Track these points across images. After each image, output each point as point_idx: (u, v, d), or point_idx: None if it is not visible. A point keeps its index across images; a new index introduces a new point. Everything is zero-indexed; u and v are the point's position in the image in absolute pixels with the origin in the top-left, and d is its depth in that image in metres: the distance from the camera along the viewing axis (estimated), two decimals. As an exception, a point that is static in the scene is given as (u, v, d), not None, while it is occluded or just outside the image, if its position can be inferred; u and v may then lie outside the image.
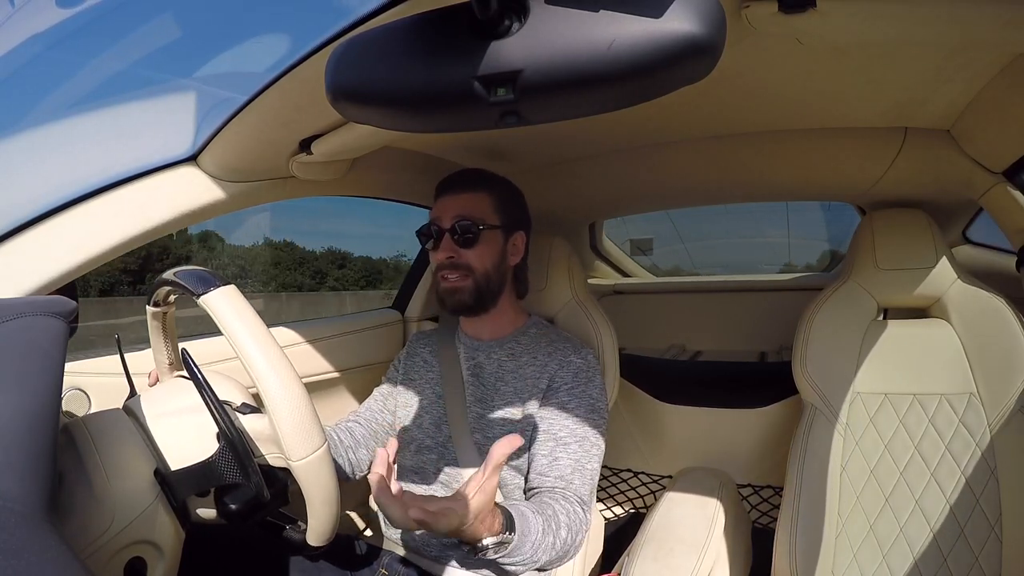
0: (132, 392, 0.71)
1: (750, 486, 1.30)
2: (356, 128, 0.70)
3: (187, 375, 0.59)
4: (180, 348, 0.63)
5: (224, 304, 0.54)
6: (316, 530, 0.58)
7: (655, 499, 1.37)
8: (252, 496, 0.57)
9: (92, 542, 0.49)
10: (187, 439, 0.58)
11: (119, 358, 0.70)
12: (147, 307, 0.66)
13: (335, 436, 0.95)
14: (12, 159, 0.78)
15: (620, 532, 1.41)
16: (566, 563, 0.84)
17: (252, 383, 0.55)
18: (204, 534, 0.62)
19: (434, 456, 0.92)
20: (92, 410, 0.81)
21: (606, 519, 1.46)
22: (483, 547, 0.68)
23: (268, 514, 0.61)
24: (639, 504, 1.44)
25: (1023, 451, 0.88)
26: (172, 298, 0.65)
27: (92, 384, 0.82)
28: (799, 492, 0.97)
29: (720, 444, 1.31)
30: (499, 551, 0.69)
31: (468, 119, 0.37)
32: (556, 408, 0.88)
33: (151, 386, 0.72)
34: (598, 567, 1.07)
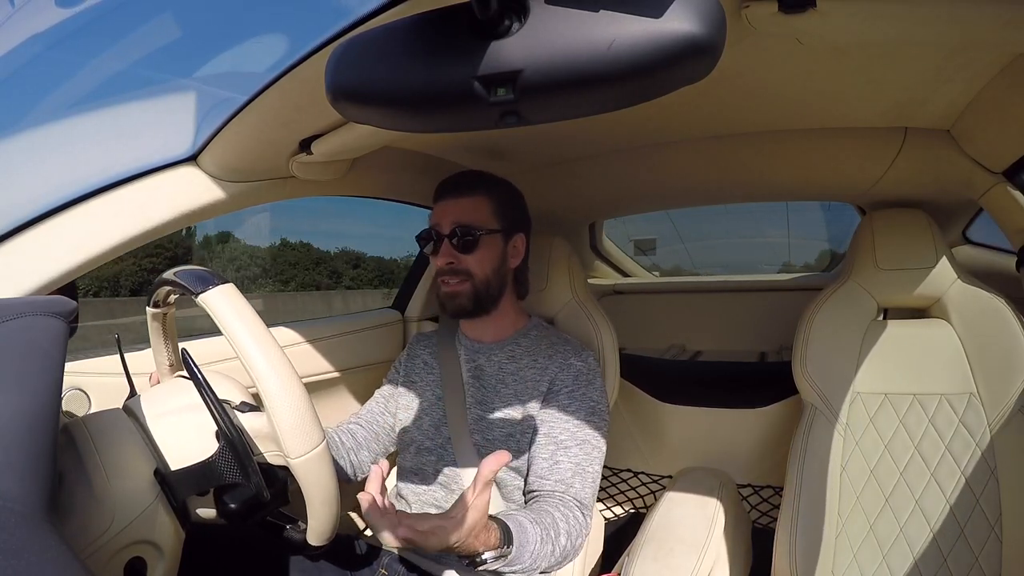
0: (132, 392, 0.71)
1: (750, 486, 1.30)
2: (356, 128, 0.70)
3: (187, 375, 0.59)
4: (180, 348, 0.63)
5: (222, 302, 0.54)
6: (316, 529, 0.58)
7: (655, 499, 1.37)
8: (252, 496, 0.57)
9: (92, 542, 0.49)
10: (187, 439, 0.58)
11: (119, 358, 0.70)
12: (147, 308, 0.66)
13: (336, 438, 0.95)
14: (12, 159, 0.78)
15: (620, 532, 1.41)
16: (566, 565, 0.84)
17: (252, 383, 0.55)
18: (204, 534, 0.62)
19: (433, 458, 0.92)
20: (92, 410, 0.81)
21: (606, 519, 1.46)
22: (482, 560, 0.68)
23: (268, 514, 0.61)
24: (639, 504, 1.44)
25: (1023, 451, 0.88)
26: (172, 298, 0.65)
27: (92, 384, 0.82)
28: (799, 492, 0.97)
29: (720, 444, 1.31)
30: (498, 563, 0.70)
31: (468, 119, 0.37)
32: (556, 411, 0.88)
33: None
34: (598, 567, 1.07)
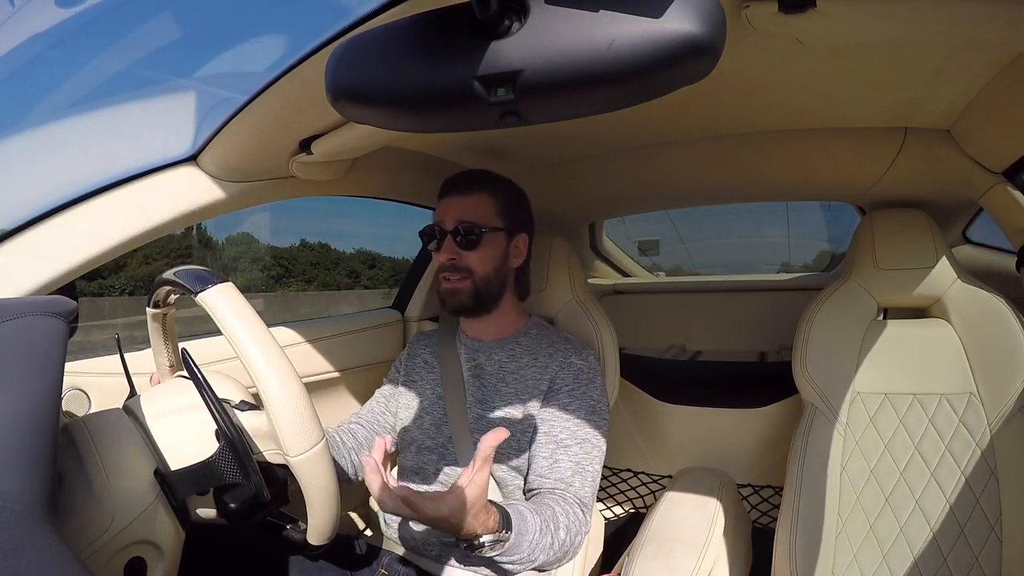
0: (132, 392, 0.71)
1: (750, 486, 1.30)
2: (356, 128, 0.70)
3: (187, 375, 0.59)
4: (180, 348, 0.63)
5: (221, 301, 0.54)
6: (316, 528, 0.58)
7: (655, 499, 1.37)
8: (252, 495, 0.57)
9: (92, 542, 0.49)
10: (187, 439, 0.58)
11: (119, 358, 0.70)
12: (147, 308, 0.66)
13: (337, 438, 0.95)
14: (12, 159, 0.78)
15: (620, 532, 1.41)
16: (565, 564, 0.84)
17: (252, 383, 0.55)
18: (204, 534, 0.62)
19: (435, 457, 0.92)
20: (92, 410, 0.81)
21: (606, 519, 1.45)
22: (480, 544, 0.68)
23: (268, 514, 0.61)
24: (639, 504, 1.44)
25: (1023, 451, 0.88)
26: (172, 299, 0.65)
27: (92, 384, 0.82)
28: (799, 492, 0.97)
29: (720, 444, 1.31)
30: (496, 548, 0.69)
31: (468, 119, 0.37)
32: (557, 409, 0.88)
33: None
34: (598, 567, 1.07)
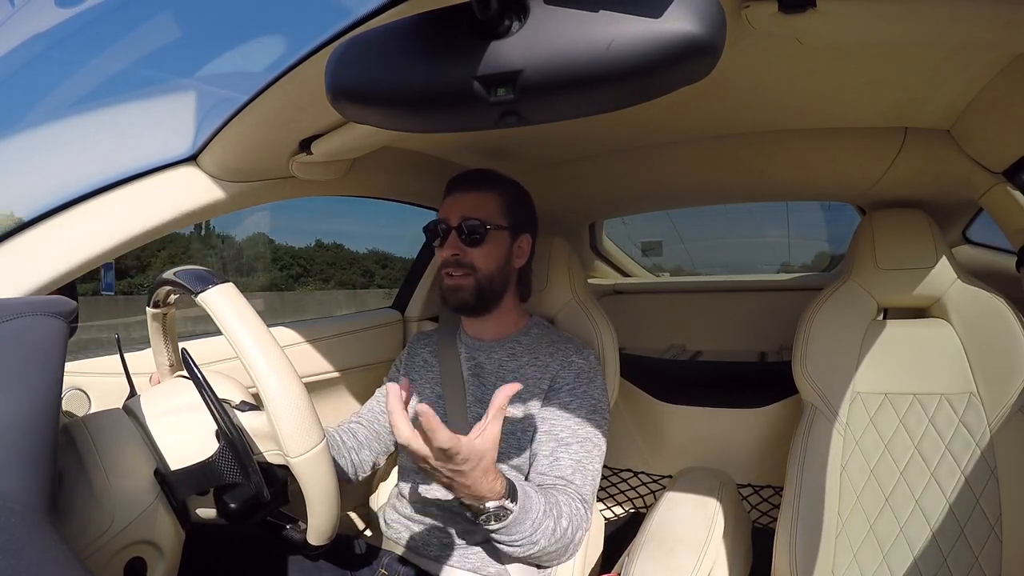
0: (132, 392, 0.71)
1: (750, 486, 1.29)
2: (356, 128, 0.70)
3: (187, 375, 0.59)
4: (180, 348, 0.63)
5: (222, 301, 0.55)
6: (316, 528, 0.58)
7: (655, 499, 1.37)
8: (252, 495, 0.57)
9: (92, 542, 0.49)
10: (187, 439, 0.58)
11: (119, 358, 0.70)
12: (147, 308, 0.66)
13: (337, 438, 0.95)
14: (12, 159, 0.78)
15: (620, 532, 1.41)
16: (565, 562, 0.84)
17: (252, 383, 0.55)
18: (204, 534, 0.62)
19: (434, 456, 0.92)
20: (92, 410, 0.81)
21: (606, 519, 1.45)
22: (484, 510, 0.68)
23: (268, 514, 0.61)
24: (639, 504, 1.44)
25: (1023, 451, 0.88)
26: (172, 299, 0.65)
27: (92, 384, 0.82)
28: (799, 492, 0.97)
29: (720, 444, 1.31)
30: (500, 519, 0.69)
31: (468, 119, 0.37)
32: (558, 408, 0.88)
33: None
34: (598, 567, 1.07)
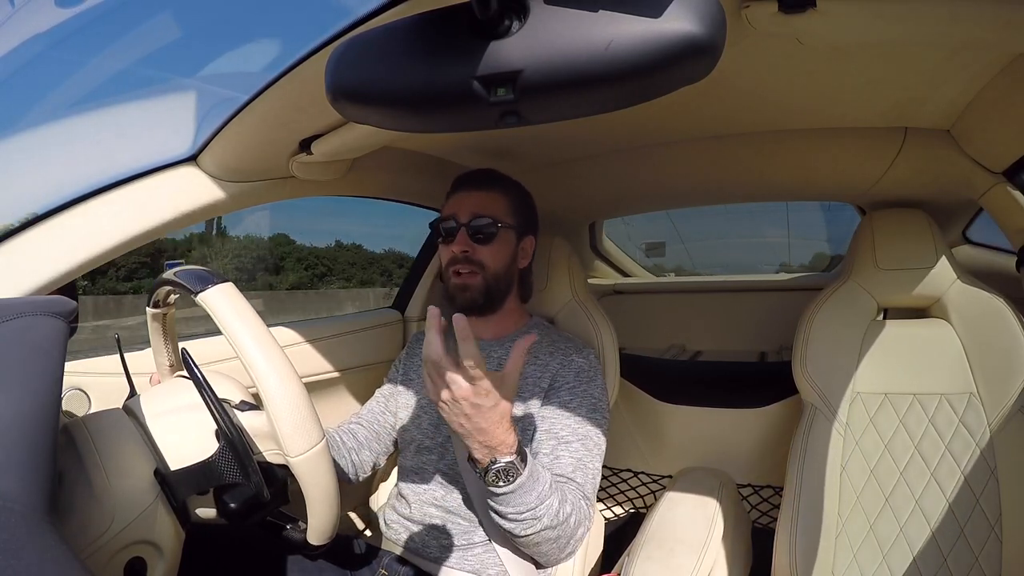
0: (132, 392, 0.71)
1: (750, 486, 1.29)
2: (356, 128, 0.70)
3: (187, 375, 0.59)
4: (180, 348, 0.63)
5: (221, 301, 0.55)
6: (316, 528, 0.58)
7: (655, 499, 1.37)
8: (252, 495, 0.57)
9: (92, 542, 0.49)
10: (187, 438, 0.58)
11: (119, 358, 0.70)
12: (147, 308, 0.66)
13: (337, 438, 0.94)
14: (12, 159, 0.78)
15: (620, 532, 1.41)
16: (565, 561, 0.84)
17: (252, 383, 0.55)
18: (204, 534, 0.62)
19: (434, 456, 0.92)
20: (92, 410, 0.81)
21: (606, 519, 1.45)
22: (495, 463, 0.69)
23: (268, 513, 0.61)
24: (639, 504, 1.43)
25: (1023, 451, 0.88)
26: (172, 299, 0.65)
27: (92, 384, 0.82)
28: (799, 492, 0.97)
29: (720, 444, 1.31)
30: (509, 478, 0.70)
31: (468, 119, 0.37)
32: (558, 407, 0.88)
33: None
34: (598, 567, 1.07)
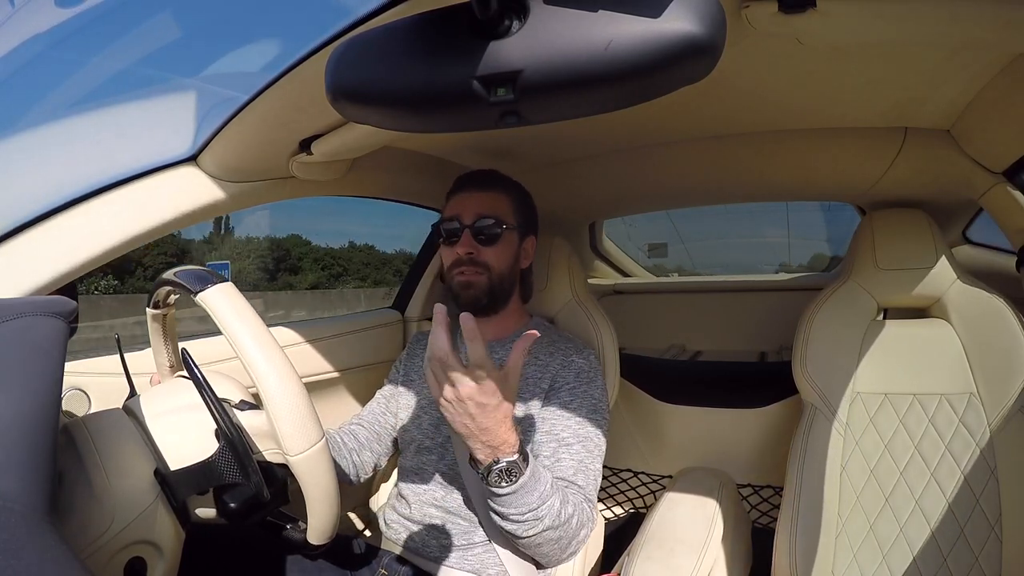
0: (132, 392, 0.71)
1: (750, 486, 1.29)
2: (356, 128, 0.70)
3: (187, 375, 0.59)
4: (180, 348, 0.63)
5: (221, 300, 0.55)
6: (316, 528, 0.58)
7: (655, 499, 1.37)
8: (252, 495, 0.57)
9: (92, 542, 0.49)
10: (187, 438, 0.58)
11: (119, 358, 0.70)
12: (147, 309, 0.66)
13: (338, 439, 0.94)
14: (12, 159, 0.78)
15: (620, 532, 1.41)
16: (566, 561, 0.84)
17: (252, 383, 0.55)
18: (204, 534, 0.62)
19: (434, 457, 0.92)
20: (92, 410, 0.81)
21: (606, 519, 1.45)
22: (497, 463, 0.68)
23: (268, 513, 0.61)
24: (639, 504, 1.43)
25: (1023, 451, 0.88)
26: (172, 299, 0.65)
27: (92, 384, 0.82)
28: (799, 492, 0.97)
29: (720, 444, 1.31)
30: (511, 478, 0.69)
31: (468, 119, 0.37)
32: (558, 408, 0.88)
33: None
34: (598, 567, 1.07)
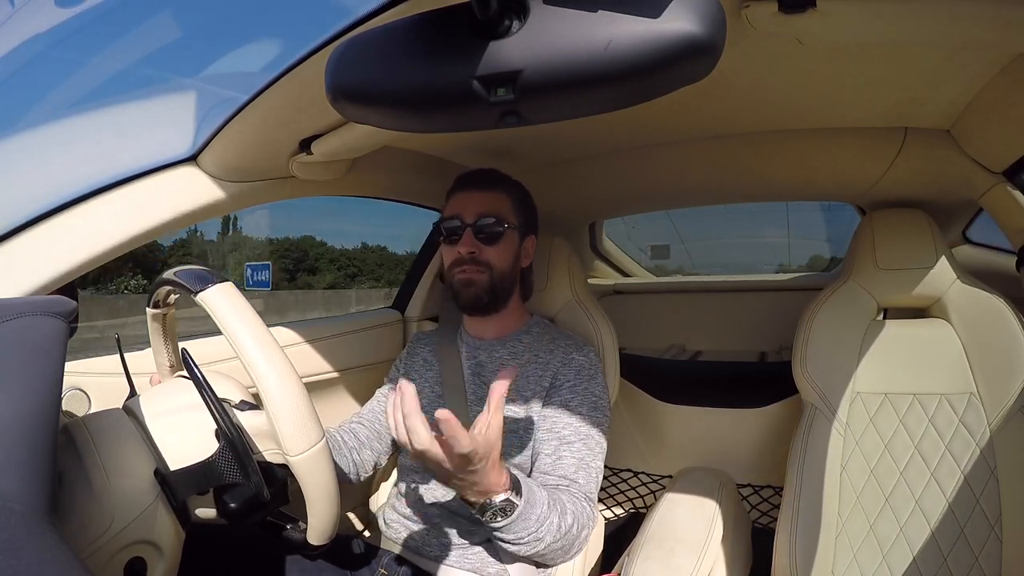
0: (132, 392, 0.71)
1: (750, 486, 1.29)
2: (356, 128, 0.70)
3: (187, 375, 0.59)
4: (180, 348, 0.63)
5: (221, 300, 0.55)
6: (316, 528, 0.58)
7: (655, 499, 1.37)
8: (252, 495, 0.57)
9: (92, 542, 0.49)
10: (187, 438, 0.58)
11: (119, 358, 0.70)
12: (147, 308, 0.66)
13: (338, 438, 0.94)
14: (12, 159, 0.78)
15: (620, 532, 1.41)
16: (568, 561, 0.84)
17: (252, 383, 0.55)
18: (204, 534, 0.62)
19: (434, 456, 0.92)
20: (92, 410, 0.81)
21: (606, 519, 1.45)
22: (490, 505, 0.67)
23: (268, 513, 0.61)
24: (639, 504, 1.44)
25: (1023, 451, 0.88)
26: (172, 299, 0.65)
27: (92, 384, 0.82)
28: (799, 492, 0.97)
29: (720, 444, 1.31)
30: (506, 514, 0.69)
31: (468, 119, 0.37)
32: (559, 406, 0.88)
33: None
34: (598, 567, 1.07)
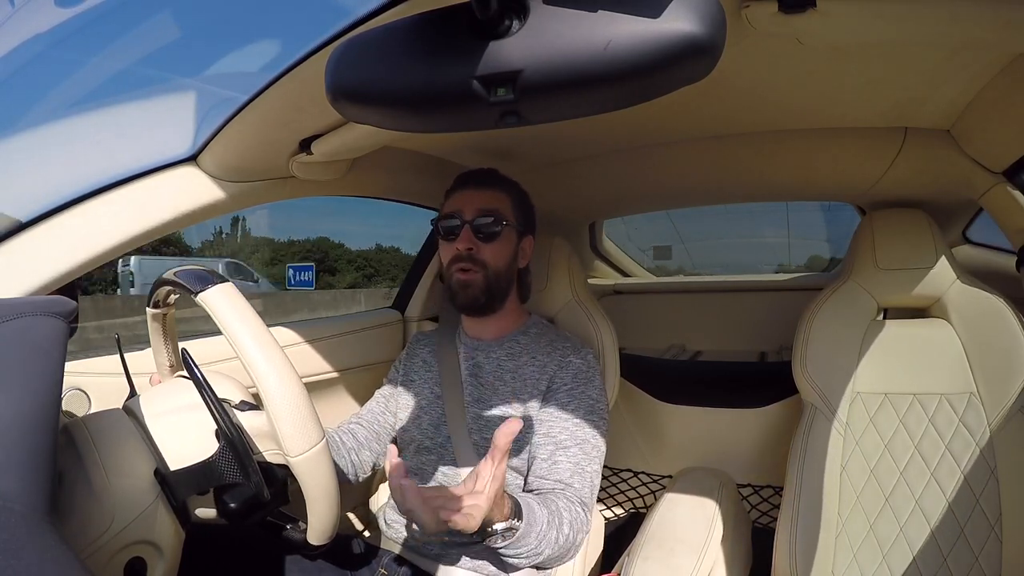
0: (132, 392, 0.71)
1: (750, 486, 1.30)
2: (356, 128, 0.70)
3: (187, 375, 0.59)
4: (180, 348, 0.63)
5: (221, 300, 0.55)
6: (316, 528, 0.58)
7: (655, 499, 1.37)
8: (252, 495, 0.57)
9: (92, 542, 0.49)
10: (187, 438, 0.58)
11: (119, 358, 0.70)
12: (147, 308, 0.66)
13: (337, 438, 0.94)
14: (12, 159, 0.78)
15: (620, 532, 1.41)
16: (566, 563, 0.84)
17: (252, 383, 0.55)
18: (204, 534, 0.62)
19: (433, 457, 0.92)
20: (92, 410, 0.81)
21: (606, 519, 1.45)
22: (492, 532, 0.67)
23: (268, 514, 0.61)
24: (639, 504, 1.44)
25: (1023, 451, 0.88)
26: (172, 299, 0.65)
27: (92, 384, 0.82)
28: (799, 492, 0.97)
29: (720, 444, 1.31)
30: (506, 538, 0.69)
31: (468, 119, 0.37)
32: (556, 409, 0.88)
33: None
34: (598, 567, 1.07)
